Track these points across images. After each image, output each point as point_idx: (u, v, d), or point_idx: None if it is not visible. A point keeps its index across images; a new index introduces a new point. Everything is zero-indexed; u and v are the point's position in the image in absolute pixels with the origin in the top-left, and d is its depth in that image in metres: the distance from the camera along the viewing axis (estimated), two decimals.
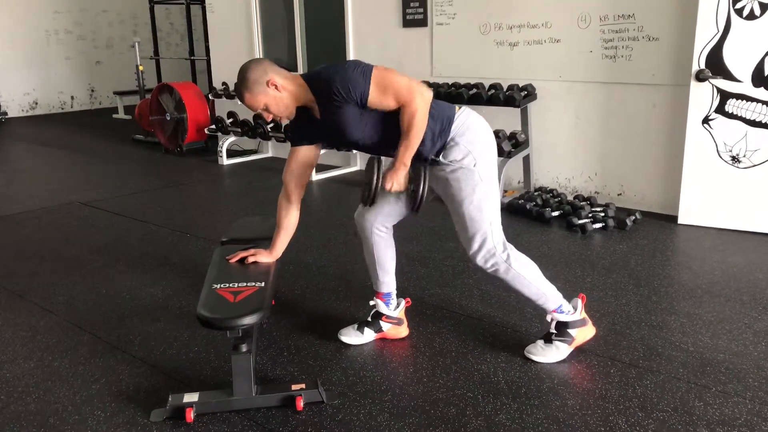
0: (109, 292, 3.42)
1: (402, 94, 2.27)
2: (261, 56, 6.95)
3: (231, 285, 2.41)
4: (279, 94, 2.33)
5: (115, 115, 10.55)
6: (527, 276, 2.51)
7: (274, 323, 2.97)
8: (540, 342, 2.62)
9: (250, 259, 2.63)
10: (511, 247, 2.51)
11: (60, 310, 3.21)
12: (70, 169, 6.70)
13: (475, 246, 2.47)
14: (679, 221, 4.34)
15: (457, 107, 2.49)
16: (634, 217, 4.34)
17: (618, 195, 4.82)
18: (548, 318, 2.59)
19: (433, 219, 4.44)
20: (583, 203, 4.61)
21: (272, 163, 6.77)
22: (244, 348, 2.29)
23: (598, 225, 4.27)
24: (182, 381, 2.53)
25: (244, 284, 2.42)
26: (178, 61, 10.59)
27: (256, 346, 2.51)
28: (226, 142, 6.78)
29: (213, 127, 7.00)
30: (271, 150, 7.10)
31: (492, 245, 2.47)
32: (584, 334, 2.59)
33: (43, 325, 3.05)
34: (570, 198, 4.89)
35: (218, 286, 2.41)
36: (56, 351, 2.79)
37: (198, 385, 2.49)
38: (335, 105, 2.29)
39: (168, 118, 7.21)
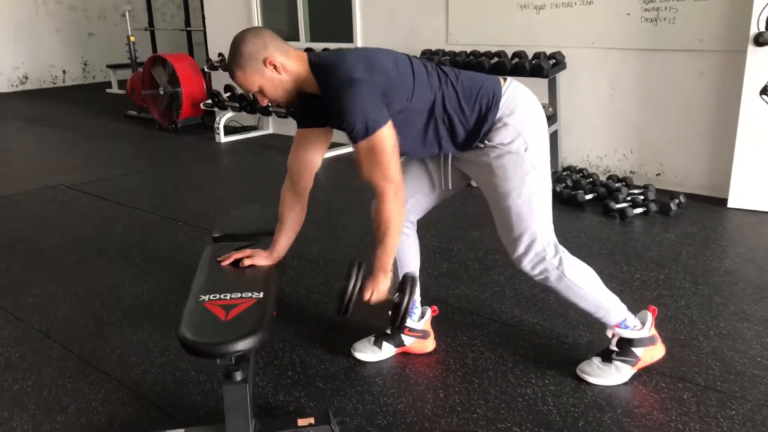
0: (86, 292, 2.98)
1: (377, 178, 1.87)
2: (260, 24, 6.43)
3: (222, 296, 1.96)
4: (278, 76, 1.87)
5: (108, 90, 10.03)
6: (584, 286, 2.06)
7: (276, 333, 2.53)
8: (596, 360, 2.17)
9: (246, 262, 2.17)
10: (563, 251, 2.06)
11: (29, 315, 2.77)
12: (57, 148, 6.23)
13: (521, 249, 2.02)
14: (729, 205, 3.87)
15: (501, 80, 2.02)
16: (678, 201, 3.87)
17: (657, 175, 4.34)
18: (609, 333, 2.15)
19: (452, 203, 3.96)
20: (618, 184, 4.15)
21: (273, 140, 6.29)
22: (238, 376, 1.85)
23: (638, 210, 3.81)
24: (166, 410, 2.10)
25: (239, 295, 1.97)
26: (174, 32, 10.04)
27: (253, 371, 2.08)
28: (224, 117, 6.30)
29: (209, 101, 6.52)
30: (271, 126, 6.61)
31: (541, 248, 2.01)
32: (652, 354, 2.14)
33: (8, 334, 2.61)
34: (603, 179, 4.42)
35: (206, 297, 1.96)
36: (18, 369, 2.36)
37: (185, 415, 2.07)
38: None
39: (161, 93, 6.71)
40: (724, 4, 3.81)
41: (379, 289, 1.95)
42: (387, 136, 1.83)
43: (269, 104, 1.83)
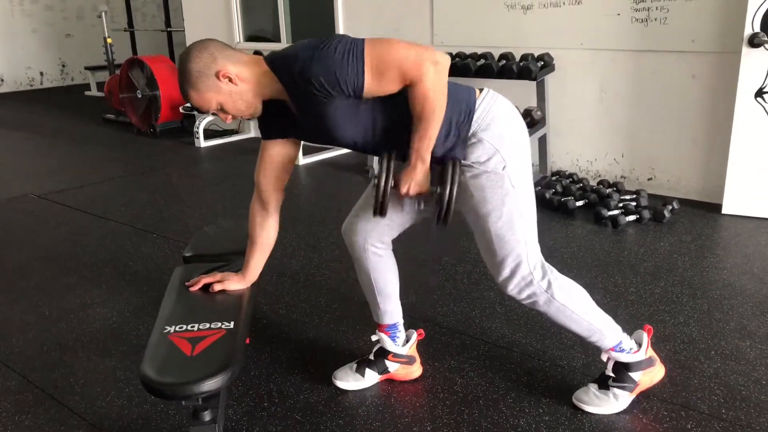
0: (52, 313, 2.81)
1: (408, 71, 1.62)
2: (239, 24, 6.26)
3: (189, 327, 1.82)
4: (236, 88, 1.71)
5: (87, 92, 9.81)
6: (575, 309, 1.92)
7: (252, 359, 2.38)
8: (593, 387, 2.04)
9: (216, 287, 2.02)
10: (551, 271, 1.92)
11: None
12: (30, 154, 6.03)
13: (506, 272, 1.88)
14: (724, 211, 3.76)
15: (477, 90, 1.86)
16: (671, 207, 3.75)
17: (648, 180, 4.22)
18: (604, 357, 2.01)
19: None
20: (609, 190, 4.03)
21: (254, 144, 6.11)
22: (206, 417, 1.70)
23: (631, 217, 3.68)
24: None
25: (207, 326, 1.83)
26: (154, 33, 9.83)
27: (225, 406, 1.92)
28: (204, 121, 6.13)
29: (188, 105, 6.34)
30: (253, 130, 6.44)
31: (527, 271, 1.87)
32: (651, 377, 2.01)
33: None
34: (593, 184, 4.30)
35: (172, 329, 1.81)
36: None
37: None
38: (317, 101, 1.67)
39: (139, 96, 6.52)
40: (717, 4, 3.69)
41: (417, 181, 1.76)
42: (372, 44, 1.62)
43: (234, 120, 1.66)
